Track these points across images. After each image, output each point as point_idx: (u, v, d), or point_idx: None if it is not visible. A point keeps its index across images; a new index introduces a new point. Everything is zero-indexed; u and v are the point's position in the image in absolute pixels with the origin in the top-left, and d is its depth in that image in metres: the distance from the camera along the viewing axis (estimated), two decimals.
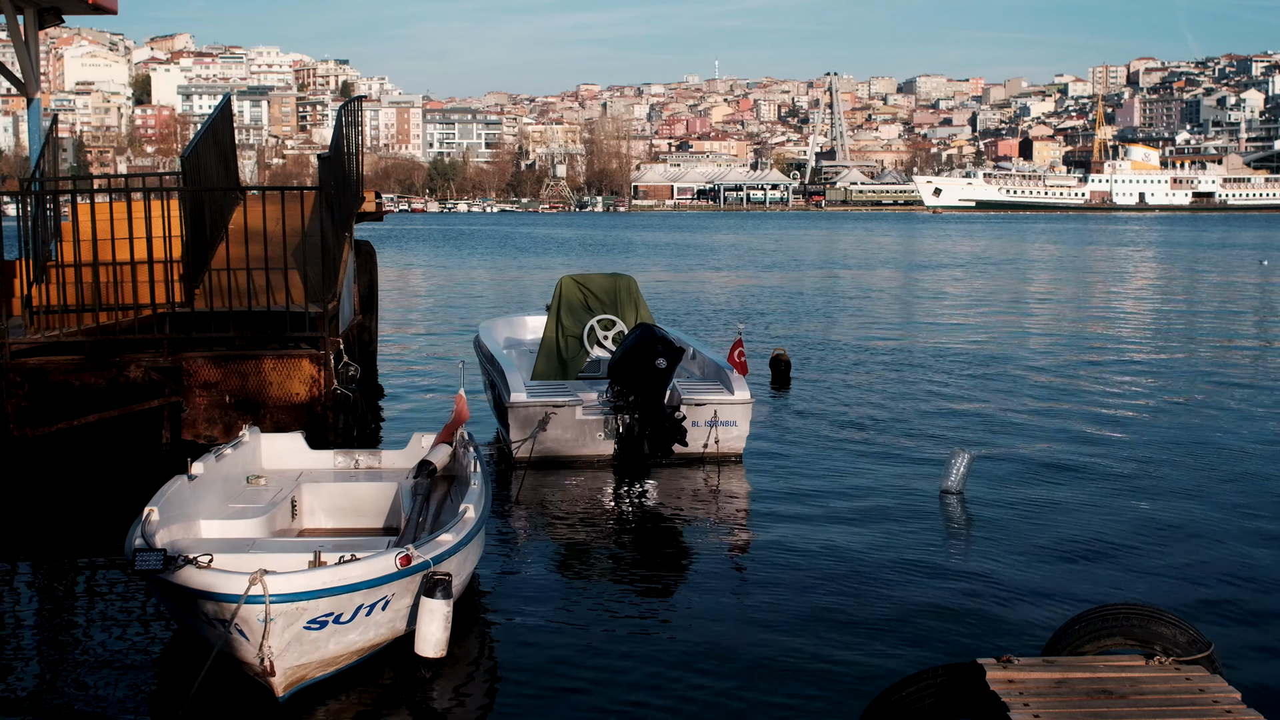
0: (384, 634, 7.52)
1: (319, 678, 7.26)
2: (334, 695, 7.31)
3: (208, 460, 9.74)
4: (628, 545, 11.05)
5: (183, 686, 7.36)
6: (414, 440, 11.09)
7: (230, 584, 6.78)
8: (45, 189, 13.74)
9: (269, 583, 6.73)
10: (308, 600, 6.88)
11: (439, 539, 7.82)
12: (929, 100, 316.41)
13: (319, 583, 6.93)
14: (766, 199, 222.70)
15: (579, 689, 7.52)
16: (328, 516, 10.29)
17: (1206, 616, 8.59)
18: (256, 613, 6.74)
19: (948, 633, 8.43)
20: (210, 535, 9.00)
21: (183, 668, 7.75)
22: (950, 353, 23.92)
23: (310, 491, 10.31)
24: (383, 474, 10.73)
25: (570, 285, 16.00)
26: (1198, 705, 5.60)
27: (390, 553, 7.35)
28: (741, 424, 13.96)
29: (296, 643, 6.94)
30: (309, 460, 10.96)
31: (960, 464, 12.26)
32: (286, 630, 6.86)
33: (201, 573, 6.90)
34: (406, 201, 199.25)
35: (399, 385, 20.18)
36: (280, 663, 6.90)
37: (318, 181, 13.51)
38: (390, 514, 10.13)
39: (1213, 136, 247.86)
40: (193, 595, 6.91)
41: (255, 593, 6.70)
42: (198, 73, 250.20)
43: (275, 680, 6.94)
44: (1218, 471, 13.49)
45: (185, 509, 9.00)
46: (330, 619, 7.04)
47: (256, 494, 10.12)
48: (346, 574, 7.05)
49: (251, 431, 10.93)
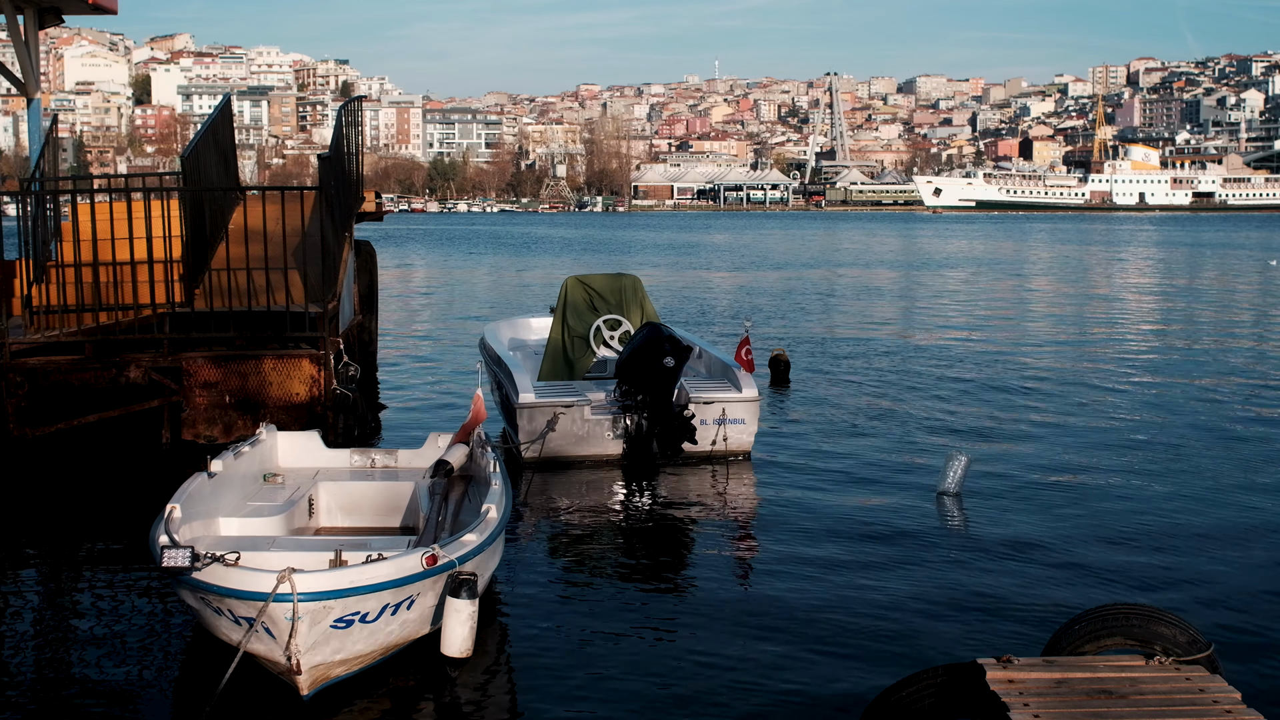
0: (408, 633, 7.54)
1: (343, 676, 7.27)
2: (359, 695, 7.33)
3: (226, 458, 9.76)
4: (637, 544, 11.06)
5: (201, 685, 7.41)
6: (430, 440, 11.10)
7: (258, 582, 6.80)
8: (45, 189, 13.73)
9: (297, 581, 6.75)
10: (335, 599, 6.89)
11: (463, 539, 7.83)
12: (929, 100, 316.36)
13: (346, 581, 6.94)
14: (766, 199, 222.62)
15: (588, 688, 7.55)
16: (344, 515, 10.29)
17: (1206, 616, 8.59)
18: (284, 611, 6.76)
19: (948, 633, 8.43)
20: (229, 533, 9.02)
21: (200, 666, 7.79)
22: (949, 353, 23.92)
23: (327, 490, 10.32)
24: (399, 473, 10.73)
25: (575, 285, 16.00)
26: (1198, 705, 5.60)
27: (416, 552, 7.36)
28: (749, 422, 13.97)
29: (322, 641, 6.96)
30: (325, 459, 10.98)
31: (958, 466, 12.25)
32: (313, 629, 6.88)
33: (229, 570, 6.92)
34: (406, 201, 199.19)
35: (399, 385, 20.18)
36: (306, 661, 6.92)
37: (318, 181, 13.50)
38: (407, 514, 10.14)
39: (1213, 136, 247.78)
40: (220, 593, 6.92)
41: (283, 591, 6.72)
42: (198, 73, 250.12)
43: (301, 679, 6.96)
44: (1218, 471, 13.49)
45: (205, 506, 9.02)
46: (356, 618, 7.05)
47: (274, 492, 10.14)
48: (374, 573, 7.06)
49: (268, 429, 10.95)
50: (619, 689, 7.56)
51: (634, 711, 7.27)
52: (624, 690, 7.54)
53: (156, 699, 7.46)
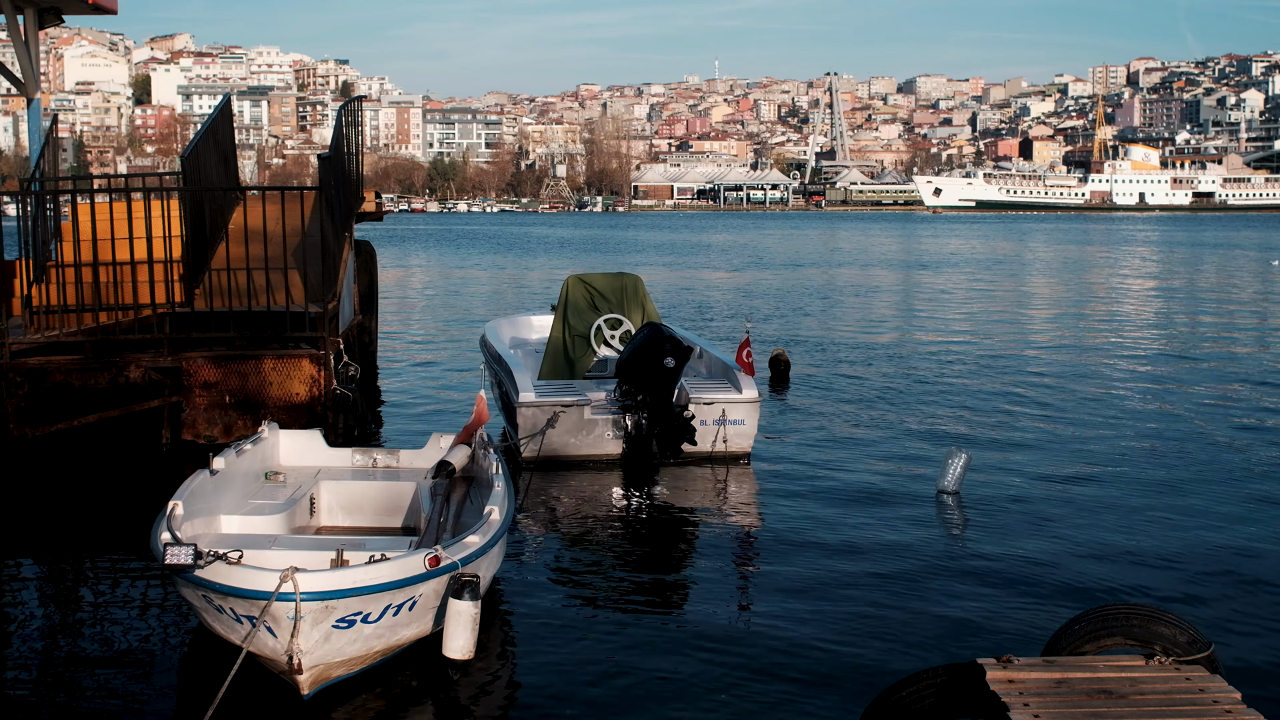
0: (410, 634, 7.54)
1: (343, 676, 7.28)
2: (359, 695, 7.34)
3: (228, 455, 9.76)
4: (636, 545, 11.06)
5: (200, 685, 7.42)
6: (432, 440, 11.10)
7: (261, 580, 6.80)
8: (45, 189, 13.73)
9: (300, 580, 6.75)
10: (338, 599, 6.89)
11: (466, 540, 7.82)
12: (929, 100, 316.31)
13: (349, 582, 6.94)
14: (766, 199, 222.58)
15: (592, 688, 7.56)
16: (345, 515, 10.29)
17: (1206, 616, 8.59)
18: (287, 610, 6.76)
19: (948, 633, 8.44)
20: (230, 531, 9.02)
21: (199, 666, 7.81)
22: (949, 353, 23.92)
23: (328, 489, 10.32)
24: (400, 473, 10.73)
25: (576, 285, 15.99)
26: (1198, 705, 5.60)
27: (419, 553, 7.36)
28: (749, 423, 13.96)
29: (324, 641, 6.96)
30: (327, 458, 10.98)
31: (957, 464, 12.26)
32: (315, 628, 6.88)
33: (232, 569, 6.91)
34: (406, 201, 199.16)
35: (399, 385, 20.18)
36: (308, 660, 6.92)
37: (318, 181, 13.50)
38: (409, 514, 10.13)
39: (1213, 136, 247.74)
40: (222, 591, 6.92)
41: (286, 590, 6.72)
42: (198, 73, 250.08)
43: (302, 678, 6.97)
44: (1219, 472, 13.49)
45: (207, 504, 9.02)
46: (359, 618, 7.05)
47: (275, 490, 10.13)
48: (376, 574, 7.06)
49: (270, 427, 10.96)
50: (618, 688, 7.56)
51: (633, 710, 7.27)
52: (624, 690, 7.55)
53: (156, 698, 7.46)
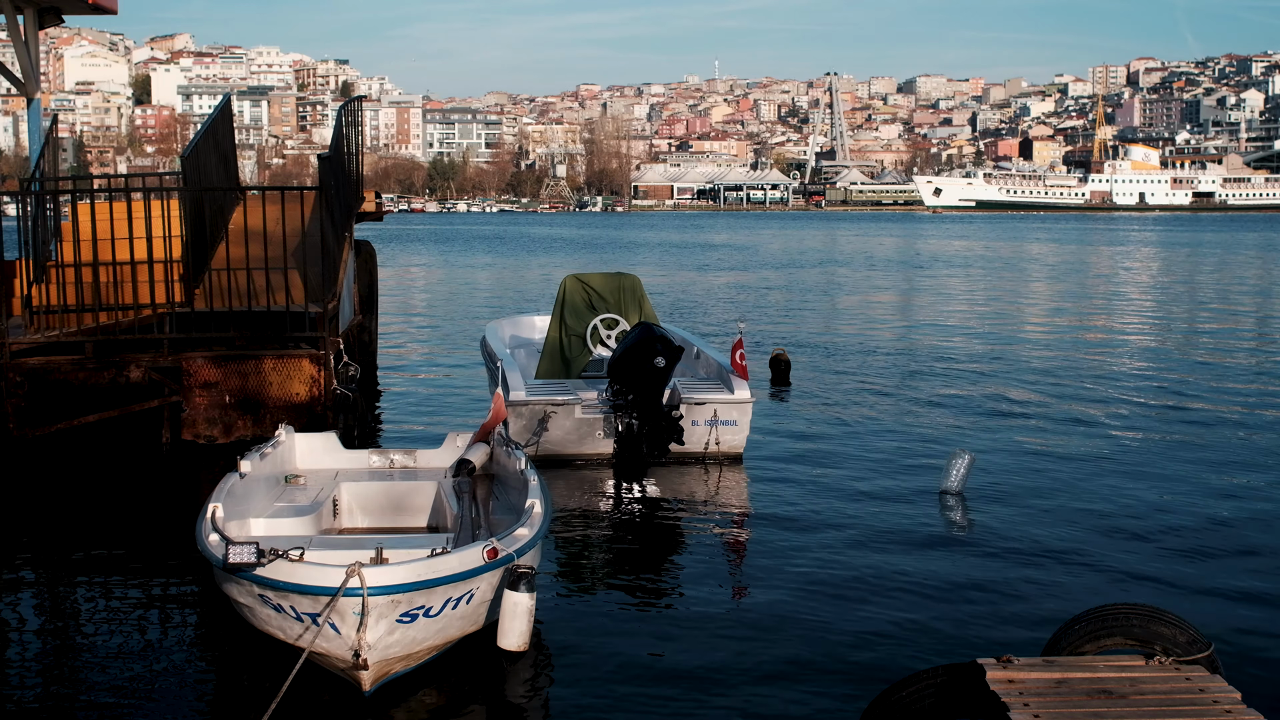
0: (465, 627, 7.56)
1: (401, 672, 7.30)
2: (420, 689, 7.37)
3: (253, 459, 9.80)
4: (627, 544, 11.06)
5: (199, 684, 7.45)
6: (449, 439, 11.13)
7: (326, 576, 6.81)
8: (45, 189, 13.72)
9: (366, 575, 6.75)
10: (404, 592, 6.90)
11: (517, 533, 7.86)
12: (929, 100, 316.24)
13: (415, 575, 6.96)
14: (766, 199, 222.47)
15: (588, 690, 7.56)
16: (367, 515, 10.30)
17: (1206, 616, 8.58)
18: (353, 605, 6.77)
19: (948, 633, 8.44)
20: (259, 533, 9.02)
21: (199, 665, 7.83)
22: (950, 353, 23.92)
23: (349, 491, 10.34)
24: (419, 473, 10.76)
25: (574, 284, 16.01)
26: (1198, 705, 5.60)
27: (478, 545, 7.40)
28: (742, 423, 13.96)
29: (388, 635, 6.98)
30: (344, 460, 11.03)
31: (961, 465, 12.25)
32: (380, 623, 6.89)
33: (295, 566, 6.93)
34: (406, 201, 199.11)
35: (399, 385, 20.18)
36: (374, 656, 6.94)
37: (318, 181, 13.49)
38: (432, 513, 10.15)
39: (1213, 136, 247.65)
40: (284, 589, 6.93)
41: (353, 585, 6.72)
42: (198, 73, 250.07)
43: (365, 674, 6.98)
44: (1219, 472, 13.49)
45: (238, 507, 9.05)
46: (421, 612, 7.07)
47: (297, 493, 10.18)
48: (440, 566, 7.09)
49: (286, 430, 11.00)
50: (616, 689, 7.57)
51: (631, 711, 7.28)
52: (623, 691, 7.55)
53: (157, 699, 7.43)
